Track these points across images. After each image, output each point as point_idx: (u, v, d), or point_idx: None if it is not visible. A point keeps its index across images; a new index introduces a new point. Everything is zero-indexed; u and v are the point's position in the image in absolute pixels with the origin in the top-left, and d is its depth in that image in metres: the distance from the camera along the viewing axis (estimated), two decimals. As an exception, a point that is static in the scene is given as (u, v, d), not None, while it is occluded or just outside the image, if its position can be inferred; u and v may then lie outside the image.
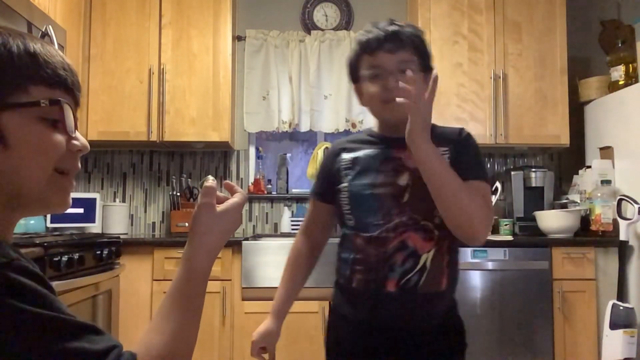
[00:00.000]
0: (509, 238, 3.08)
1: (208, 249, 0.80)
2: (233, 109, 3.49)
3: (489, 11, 3.38)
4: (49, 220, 3.04)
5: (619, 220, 2.94)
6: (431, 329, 1.33)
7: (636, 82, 3.15)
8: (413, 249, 1.28)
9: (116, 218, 3.38)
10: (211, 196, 0.82)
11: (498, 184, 3.34)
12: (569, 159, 3.68)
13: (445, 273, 1.31)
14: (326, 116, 3.62)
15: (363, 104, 1.39)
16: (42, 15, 2.41)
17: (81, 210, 3.18)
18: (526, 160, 3.74)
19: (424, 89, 1.20)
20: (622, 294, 2.86)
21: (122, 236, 3.00)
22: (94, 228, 3.27)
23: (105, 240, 2.68)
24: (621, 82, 3.27)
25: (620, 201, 2.96)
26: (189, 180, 3.52)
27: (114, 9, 3.29)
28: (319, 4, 3.73)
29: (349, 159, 1.39)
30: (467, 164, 1.30)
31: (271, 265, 2.89)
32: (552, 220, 3.15)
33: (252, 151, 3.72)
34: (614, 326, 2.81)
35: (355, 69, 1.37)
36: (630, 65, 3.27)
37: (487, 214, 1.28)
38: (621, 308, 2.82)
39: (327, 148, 2.23)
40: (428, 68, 1.34)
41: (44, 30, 2.36)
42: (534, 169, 3.41)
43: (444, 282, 1.30)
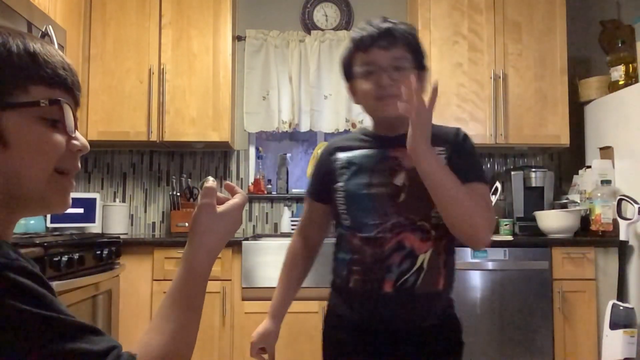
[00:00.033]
0: (509, 238, 3.08)
1: (208, 249, 0.80)
2: (233, 109, 3.49)
3: (489, 11, 3.37)
4: (49, 220, 3.04)
5: (619, 220, 2.94)
6: (428, 328, 1.33)
7: (636, 82, 3.15)
8: (410, 249, 1.27)
9: (116, 218, 3.38)
10: (211, 197, 0.82)
11: (498, 184, 3.33)
12: (569, 159, 3.68)
13: (442, 273, 1.31)
14: (326, 116, 3.61)
15: (357, 101, 1.38)
16: (42, 15, 2.41)
17: (81, 210, 3.18)
18: (526, 160, 3.74)
19: (418, 88, 1.20)
20: (622, 294, 2.86)
21: (122, 236, 3.00)
22: (94, 228, 3.27)
23: (105, 240, 2.68)
24: (621, 82, 3.27)
25: (620, 201, 2.96)
26: (189, 180, 3.52)
27: (114, 9, 3.29)
28: (319, 4, 3.72)
29: (344, 158, 1.38)
30: (466, 166, 1.29)
31: (271, 265, 2.89)
32: (552, 220, 3.15)
33: (252, 151, 3.72)
34: (614, 326, 2.81)
35: (349, 66, 1.36)
36: (630, 65, 3.27)
37: (490, 216, 1.29)
38: (621, 308, 2.82)
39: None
40: (422, 65, 1.33)
41: (44, 30, 2.36)
42: (534, 169, 3.41)
43: (441, 282, 1.30)
